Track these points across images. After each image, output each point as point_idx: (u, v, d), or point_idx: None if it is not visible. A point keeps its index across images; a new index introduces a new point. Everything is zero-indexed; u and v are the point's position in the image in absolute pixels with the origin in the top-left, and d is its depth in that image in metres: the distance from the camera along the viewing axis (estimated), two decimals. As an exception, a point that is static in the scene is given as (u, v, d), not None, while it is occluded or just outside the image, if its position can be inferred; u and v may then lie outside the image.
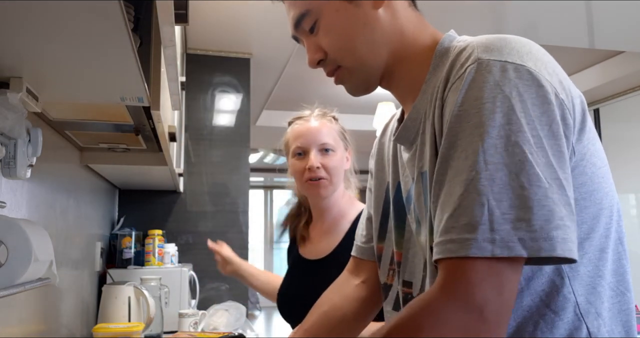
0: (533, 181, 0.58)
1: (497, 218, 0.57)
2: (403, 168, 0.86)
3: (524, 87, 0.62)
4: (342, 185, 1.48)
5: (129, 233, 2.44)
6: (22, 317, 1.15)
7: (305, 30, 0.81)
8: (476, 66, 0.64)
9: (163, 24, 0.87)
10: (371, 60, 0.79)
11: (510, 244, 0.56)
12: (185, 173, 2.86)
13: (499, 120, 0.60)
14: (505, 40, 0.67)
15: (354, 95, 0.86)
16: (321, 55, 0.80)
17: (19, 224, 0.80)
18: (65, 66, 0.78)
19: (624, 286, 0.70)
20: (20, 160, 0.86)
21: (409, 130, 0.80)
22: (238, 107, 3.08)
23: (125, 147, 1.58)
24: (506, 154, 0.59)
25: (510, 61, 0.63)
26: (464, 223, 0.58)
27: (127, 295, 1.92)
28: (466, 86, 0.64)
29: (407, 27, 0.79)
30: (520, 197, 0.57)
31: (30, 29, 0.64)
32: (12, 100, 0.79)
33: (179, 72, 1.50)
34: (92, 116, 1.20)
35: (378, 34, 0.78)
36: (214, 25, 2.73)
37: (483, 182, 0.58)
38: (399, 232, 0.87)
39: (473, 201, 0.58)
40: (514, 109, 0.60)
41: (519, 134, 0.59)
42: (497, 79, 0.62)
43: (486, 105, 0.61)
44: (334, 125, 1.48)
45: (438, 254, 0.60)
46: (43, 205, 1.29)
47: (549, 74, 0.65)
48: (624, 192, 4.10)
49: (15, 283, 0.78)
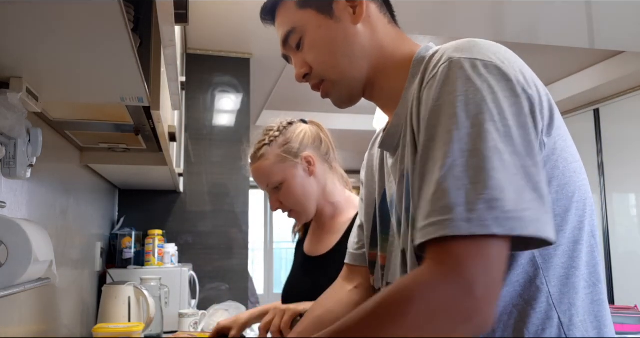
0: (506, 166, 0.61)
1: (472, 200, 0.59)
2: (388, 175, 0.89)
3: (494, 81, 0.66)
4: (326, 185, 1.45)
5: (129, 233, 2.44)
6: (22, 317, 1.15)
7: (292, 47, 0.87)
8: (448, 64, 0.68)
9: (163, 24, 0.87)
10: (352, 73, 0.84)
11: (486, 223, 0.58)
12: (185, 173, 2.86)
13: (472, 110, 0.64)
14: (473, 42, 0.72)
15: (339, 107, 0.90)
16: (306, 69, 0.86)
17: (19, 224, 0.80)
18: (66, 66, 0.78)
19: (595, 277, 0.73)
20: (20, 160, 0.86)
21: (392, 136, 0.84)
22: (238, 107, 3.08)
23: (125, 147, 1.58)
24: (479, 140, 0.62)
25: (479, 58, 0.68)
26: (442, 205, 0.61)
27: (127, 295, 1.92)
28: (440, 82, 0.68)
29: (386, 41, 0.85)
30: (494, 178, 0.60)
31: (31, 29, 0.64)
32: (12, 100, 0.79)
33: (179, 72, 1.50)
34: (92, 116, 1.20)
35: (358, 48, 0.83)
36: (214, 25, 2.73)
37: (459, 168, 0.61)
38: (383, 237, 0.91)
39: (450, 185, 0.61)
40: (486, 100, 0.64)
41: (490, 123, 0.63)
42: (468, 73, 0.66)
43: (459, 97, 0.65)
44: (270, 154, 1.40)
45: (419, 239, 0.63)
46: (43, 205, 1.29)
47: (515, 71, 0.69)
48: (624, 192, 4.10)
49: (15, 283, 0.78)
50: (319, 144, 1.45)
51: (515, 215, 0.59)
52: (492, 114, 0.63)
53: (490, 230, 0.58)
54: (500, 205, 0.59)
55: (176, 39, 1.10)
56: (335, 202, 1.46)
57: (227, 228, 2.95)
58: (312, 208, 1.44)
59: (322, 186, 1.44)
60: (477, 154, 0.61)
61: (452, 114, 0.64)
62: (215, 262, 2.89)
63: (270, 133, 1.43)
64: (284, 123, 1.46)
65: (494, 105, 0.64)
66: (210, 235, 2.92)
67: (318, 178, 1.43)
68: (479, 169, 0.61)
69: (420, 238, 0.62)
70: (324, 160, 1.46)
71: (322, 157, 1.46)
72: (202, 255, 2.87)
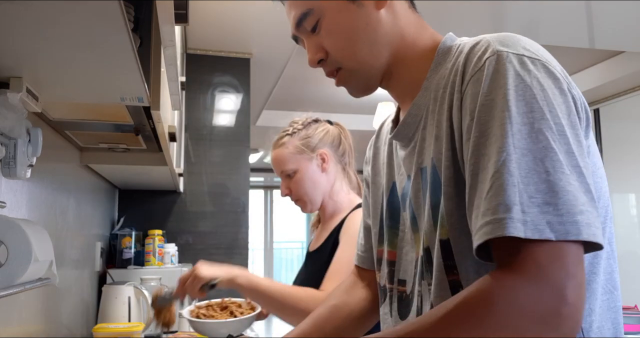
0: (557, 167, 0.59)
1: (525, 201, 0.58)
2: (398, 167, 0.86)
3: (543, 79, 0.64)
4: (334, 184, 1.53)
5: (129, 233, 2.44)
6: (22, 317, 1.15)
7: (307, 29, 0.81)
8: (496, 58, 0.66)
9: (163, 24, 0.87)
10: (372, 61, 0.80)
11: (540, 227, 0.57)
12: (185, 173, 2.86)
13: (522, 108, 0.62)
14: (515, 36, 0.69)
15: (355, 96, 0.86)
16: (322, 55, 0.81)
17: (19, 224, 0.80)
18: (65, 66, 0.78)
19: (612, 284, 0.72)
20: (20, 160, 0.86)
21: (409, 126, 0.81)
22: (238, 107, 3.08)
23: (125, 147, 1.58)
24: (530, 140, 0.60)
25: (526, 55, 0.66)
26: (498, 203, 0.59)
27: (127, 295, 1.92)
28: (490, 76, 0.65)
29: (408, 28, 0.81)
30: (546, 181, 0.58)
31: (31, 29, 0.64)
32: (12, 100, 0.79)
33: (179, 72, 1.50)
34: (92, 116, 1.20)
35: (380, 35, 0.78)
36: (214, 25, 2.73)
37: (513, 164, 0.59)
38: (392, 231, 0.88)
39: (506, 181, 0.59)
40: (536, 97, 0.63)
41: (541, 122, 0.61)
42: (517, 69, 0.64)
43: (510, 92, 0.63)
44: (290, 144, 1.50)
45: (477, 239, 0.61)
46: (43, 205, 1.29)
47: (559, 69, 0.68)
48: (624, 192, 4.10)
49: (15, 283, 0.78)
50: (337, 144, 1.55)
51: (569, 219, 0.57)
52: (543, 112, 0.62)
53: (544, 236, 0.56)
54: (553, 209, 0.57)
55: (176, 39, 1.10)
56: (337, 201, 1.53)
57: (227, 228, 2.95)
58: (318, 201, 1.52)
59: (330, 183, 1.53)
60: (528, 154, 0.60)
61: (503, 109, 0.63)
62: (215, 262, 2.89)
63: (295, 125, 1.53)
64: (310, 119, 1.56)
65: (545, 103, 0.63)
66: (210, 235, 2.92)
67: (329, 176, 1.52)
68: (530, 170, 0.59)
69: (478, 238, 0.61)
70: (338, 161, 1.55)
71: (338, 157, 1.55)
72: (202, 255, 2.87)
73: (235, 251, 2.94)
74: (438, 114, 0.75)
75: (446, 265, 0.71)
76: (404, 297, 0.84)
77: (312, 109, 1.67)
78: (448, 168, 0.70)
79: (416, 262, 0.80)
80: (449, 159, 0.71)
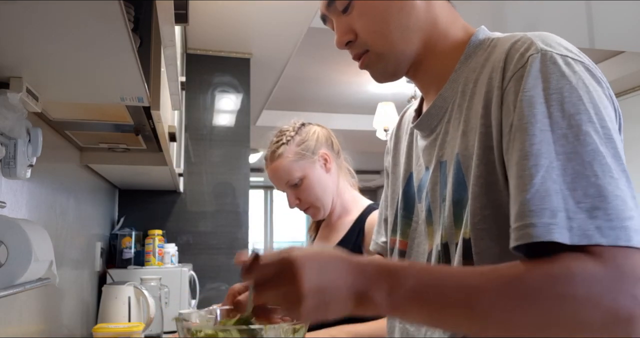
0: (606, 171, 0.58)
1: (571, 207, 0.56)
2: (417, 157, 0.85)
3: (588, 80, 0.63)
4: (339, 183, 1.51)
5: (129, 233, 2.44)
6: (22, 317, 1.15)
7: (338, 9, 0.79)
8: (540, 56, 0.65)
9: (163, 24, 0.87)
10: (402, 46, 0.78)
11: (588, 232, 0.55)
12: (185, 173, 2.86)
13: (569, 110, 0.60)
14: (556, 37, 0.68)
15: (378, 81, 0.84)
16: (351, 36, 0.79)
17: (19, 224, 0.80)
18: (65, 66, 0.78)
19: None
20: (20, 160, 0.86)
21: (432, 117, 0.80)
22: (238, 107, 3.08)
23: (125, 147, 1.58)
24: (578, 143, 0.59)
25: (570, 56, 0.65)
26: (543, 208, 0.57)
27: (127, 295, 1.92)
28: (532, 74, 0.64)
29: (441, 17, 0.80)
30: (594, 185, 0.57)
31: (31, 29, 0.64)
32: (12, 100, 0.79)
33: (179, 72, 1.50)
34: (92, 116, 1.20)
35: (412, 21, 0.77)
36: (214, 25, 2.73)
37: (556, 171, 0.58)
38: (405, 221, 0.87)
39: (549, 188, 0.58)
40: (582, 99, 0.61)
41: (589, 124, 0.60)
42: (562, 70, 0.63)
43: (554, 95, 0.62)
44: (288, 152, 1.45)
45: (514, 241, 0.59)
46: (43, 205, 1.29)
47: (600, 73, 0.67)
48: (624, 192, 4.09)
49: (15, 283, 0.78)
50: (331, 144, 1.53)
51: (619, 224, 0.55)
52: (589, 114, 0.60)
53: (593, 241, 0.55)
54: (603, 214, 0.56)
55: (176, 39, 1.10)
56: (344, 201, 1.51)
57: (227, 228, 2.95)
58: (329, 204, 1.49)
59: (335, 183, 1.51)
60: (575, 158, 0.58)
61: (547, 111, 0.61)
62: (215, 262, 2.89)
63: (287, 133, 1.49)
64: (298, 124, 1.52)
65: (591, 105, 0.61)
66: (210, 235, 2.92)
67: (332, 176, 1.50)
68: (578, 174, 0.57)
69: (516, 239, 0.59)
70: (335, 159, 1.53)
71: (335, 156, 1.53)
72: (202, 255, 2.87)
73: (235, 251, 2.93)
74: (467, 109, 0.73)
75: (465, 265, 0.70)
76: None
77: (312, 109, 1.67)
78: (478, 166, 0.69)
79: (429, 254, 0.79)
80: (479, 158, 0.69)
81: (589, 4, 2.63)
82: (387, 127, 4.04)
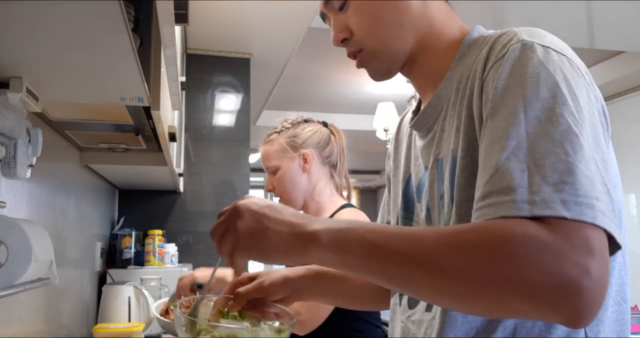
0: (577, 150, 0.56)
1: (537, 182, 0.54)
2: (415, 158, 0.85)
3: (567, 70, 0.62)
4: (316, 184, 1.52)
5: (129, 233, 2.44)
6: (22, 317, 1.15)
7: (335, 7, 0.80)
8: (520, 46, 0.65)
9: (163, 24, 0.87)
10: (396, 45, 0.79)
11: (552, 205, 0.53)
12: (185, 173, 2.86)
13: (543, 93, 0.60)
14: (544, 32, 0.68)
15: (375, 79, 0.85)
16: (346, 34, 0.80)
17: (19, 224, 0.80)
18: (65, 66, 0.78)
19: (621, 296, 0.70)
20: (20, 160, 0.86)
21: (428, 116, 0.80)
22: (238, 107, 3.08)
23: (125, 147, 1.58)
24: (549, 124, 0.58)
25: (552, 48, 0.64)
26: (502, 186, 0.56)
27: (127, 295, 1.92)
28: (510, 62, 0.64)
29: (437, 16, 0.80)
30: (564, 161, 0.55)
31: (31, 29, 0.64)
32: (12, 100, 0.79)
33: (179, 72, 1.50)
34: (92, 116, 1.20)
35: (407, 19, 0.78)
36: (214, 25, 2.73)
37: (523, 151, 0.57)
38: (406, 222, 0.87)
39: (512, 167, 0.56)
40: (559, 85, 0.60)
41: (563, 107, 0.59)
42: (540, 58, 0.63)
43: (529, 79, 0.61)
44: (276, 141, 1.53)
45: (474, 220, 0.59)
46: (43, 205, 1.29)
47: (584, 70, 0.66)
48: (624, 192, 4.08)
49: (15, 283, 0.78)
50: (324, 146, 1.55)
51: (586, 201, 0.53)
52: (565, 98, 0.59)
53: (556, 213, 0.52)
54: (570, 188, 0.53)
55: (176, 39, 1.10)
56: (320, 202, 1.53)
57: (227, 228, 2.94)
58: (298, 201, 1.53)
59: (313, 184, 1.53)
60: (545, 138, 0.57)
61: (519, 95, 0.60)
62: (215, 262, 2.89)
63: (285, 124, 1.56)
64: (300, 119, 1.57)
65: (567, 91, 0.60)
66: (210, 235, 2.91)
67: (311, 176, 1.52)
68: (547, 152, 0.56)
69: (475, 218, 0.58)
70: (323, 162, 1.55)
71: (323, 159, 1.54)
72: (202, 255, 2.87)
73: (235, 251, 2.94)
74: (459, 105, 0.73)
75: None
76: None
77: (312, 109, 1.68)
78: (463, 158, 0.69)
79: None
80: (464, 149, 0.69)
81: (589, 4, 2.63)
82: (387, 127, 4.04)
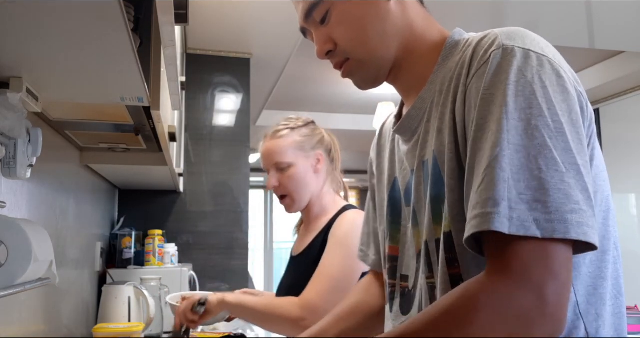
0: (550, 165, 0.59)
1: (514, 197, 0.58)
2: (400, 162, 0.86)
3: (545, 75, 0.64)
4: (323, 187, 1.53)
5: (129, 233, 2.44)
6: (22, 317, 1.15)
7: (316, 20, 0.81)
8: (501, 52, 0.66)
9: (163, 24, 0.87)
10: (381, 52, 0.80)
11: (526, 224, 0.57)
12: (185, 173, 2.86)
13: (521, 103, 0.62)
14: (525, 31, 0.69)
15: (361, 88, 0.86)
16: (331, 46, 0.80)
17: (19, 224, 0.80)
18: (65, 66, 0.78)
19: (617, 290, 0.71)
20: (20, 160, 0.86)
21: (413, 119, 0.81)
22: (238, 107, 3.08)
23: (125, 147, 1.58)
24: (525, 136, 0.60)
25: (532, 50, 0.66)
26: (487, 197, 0.59)
27: (127, 295, 1.92)
28: (492, 70, 0.65)
29: (417, 21, 0.81)
30: (537, 178, 0.58)
31: (30, 29, 0.64)
32: (12, 100, 0.79)
33: (179, 72, 1.50)
34: (92, 116, 1.20)
35: (389, 26, 0.78)
36: (214, 25, 2.73)
37: (505, 160, 0.59)
38: (394, 226, 0.88)
39: (497, 176, 0.59)
40: (536, 94, 0.62)
41: (539, 119, 0.61)
42: (520, 65, 0.64)
43: (509, 87, 0.63)
44: (290, 137, 1.49)
45: (467, 232, 0.61)
46: (43, 205, 1.29)
47: (565, 67, 0.67)
48: (624, 192, 4.10)
49: (15, 283, 0.78)
50: (329, 149, 1.56)
51: (558, 217, 0.57)
52: (541, 108, 0.61)
53: (529, 233, 0.56)
54: (542, 206, 0.57)
55: (176, 39, 1.10)
56: (323, 202, 1.53)
57: (227, 228, 2.95)
58: (305, 201, 1.51)
59: (320, 186, 1.53)
60: (521, 150, 0.60)
61: (500, 103, 0.62)
62: (215, 262, 2.89)
63: (296, 122, 1.53)
64: (309, 120, 1.57)
65: (544, 100, 0.62)
66: (210, 235, 2.92)
67: (320, 178, 1.52)
68: (523, 166, 0.59)
69: (467, 231, 0.61)
70: (328, 166, 1.56)
71: (329, 163, 1.56)
72: (202, 255, 2.87)
73: (235, 251, 2.94)
74: (442, 107, 0.74)
75: (448, 259, 0.71)
76: (407, 292, 0.84)
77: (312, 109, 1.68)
78: (451, 160, 0.70)
79: (417, 256, 0.80)
80: (452, 151, 0.70)
81: (589, 4, 2.63)
82: (387, 127, 4.04)
